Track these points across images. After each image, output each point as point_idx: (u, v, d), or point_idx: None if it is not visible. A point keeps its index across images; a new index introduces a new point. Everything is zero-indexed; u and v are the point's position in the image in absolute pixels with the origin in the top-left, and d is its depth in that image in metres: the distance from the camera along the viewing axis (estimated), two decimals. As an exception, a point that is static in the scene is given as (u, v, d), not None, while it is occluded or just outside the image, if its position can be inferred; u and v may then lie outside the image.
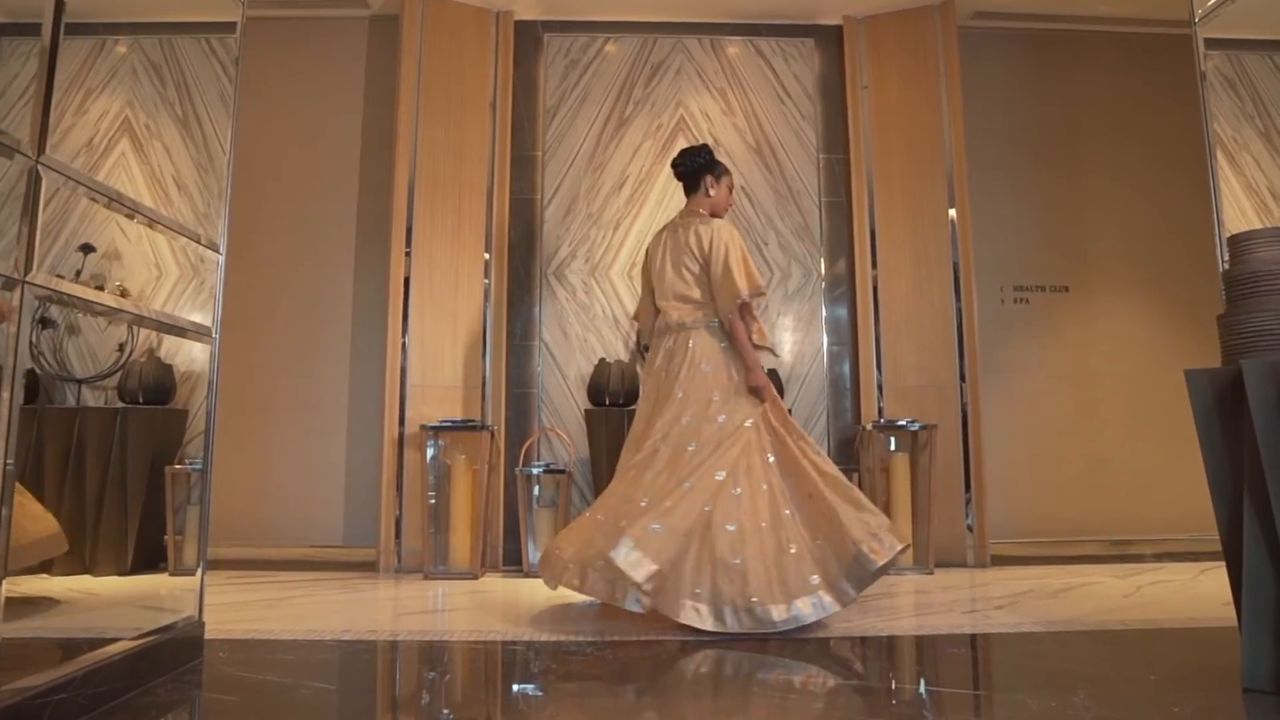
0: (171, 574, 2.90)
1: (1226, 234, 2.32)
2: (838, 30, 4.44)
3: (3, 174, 1.56)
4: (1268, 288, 1.91)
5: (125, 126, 2.29)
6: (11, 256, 1.51)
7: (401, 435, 3.93)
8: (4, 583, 1.43)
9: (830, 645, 2.36)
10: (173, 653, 2.00)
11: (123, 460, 2.72)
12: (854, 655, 2.31)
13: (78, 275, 2.20)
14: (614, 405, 3.88)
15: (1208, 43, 2.58)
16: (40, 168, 1.58)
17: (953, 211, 4.18)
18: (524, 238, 4.29)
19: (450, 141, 4.15)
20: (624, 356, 4.15)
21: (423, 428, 3.84)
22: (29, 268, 1.53)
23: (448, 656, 2.31)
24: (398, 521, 3.88)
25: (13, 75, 1.84)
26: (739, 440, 2.70)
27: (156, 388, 2.92)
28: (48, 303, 1.65)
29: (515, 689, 2.03)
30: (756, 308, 2.95)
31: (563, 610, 2.85)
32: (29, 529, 2.07)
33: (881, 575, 2.63)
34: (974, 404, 4.05)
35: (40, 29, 1.61)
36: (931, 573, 3.71)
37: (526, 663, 2.20)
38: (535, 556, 3.82)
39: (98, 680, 1.68)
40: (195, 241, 2.24)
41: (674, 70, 4.45)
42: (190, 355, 2.86)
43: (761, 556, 2.48)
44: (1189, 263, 4.42)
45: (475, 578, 3.66)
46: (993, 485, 4.10)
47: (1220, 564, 3.77)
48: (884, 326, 4.19)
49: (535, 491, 3.96)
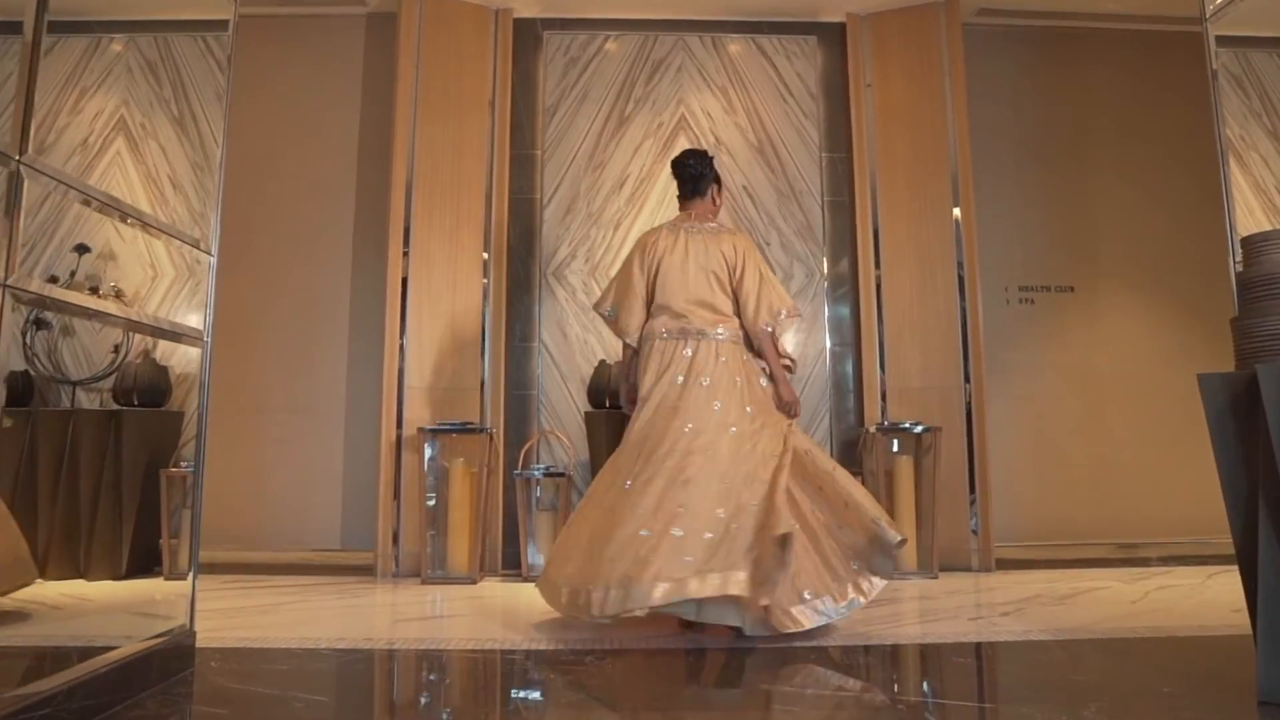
0: (166, 578, 2.87)
1: (1238, 235, 2.29)
2: (841, 27, 4.42)
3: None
4: (1285, 290, 1.88)
5: (120, 125, 2.26)
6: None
7: (399, 438, 3.90)
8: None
9: (834, 654, 2.35)
10: (162, 663, 1.96)
11: (117, 463, 2.70)
12: (858, 664, 2.29)
13: (72, 276, 2.17)
14: (615, 408, 3.85)
15: (1218, 40, 2.54)
16: (23, 169, 1.56)
17: (957, 211, 4.16)
18: (523, 238, 4.27)
19: (449, 140, 4.12)
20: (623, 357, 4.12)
21: (420, 430, 3.81)
22: (9, 271, 1.50)
23: (445, 666, 2.28)
24: (395, 525, 3.86)
25: (7, 74, 1.81)
26: (777, 451, 2.72)
27: (152, 390, 2.88)
28: (27, 306, 1.63)
29: (514, 702, 2.00)
30: (792, 325, 2.95)
31: (561, 617, 2.81)
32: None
33: (895, 558, 2.65)
34: (979, 406, 4.02)
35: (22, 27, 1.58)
36: (936, 577, 3.69)
37: (526, 673, 2.17)
38: (535, 559, 3.79)
39: (83, 694, 1.64)
40: (184, 243, 2.20)
41: (675, 68, 4.42)
42: (186, 357, 2.83)
43: (810, 554, 2.53)
44: (1196, 263, 4.40)
45: (474, 582, 3.64)
46: (998, 488, 4.08)
47: (1229, 568, 3.75)
48: (887, 327, 4.17)
49: (535, 495, 3.93)
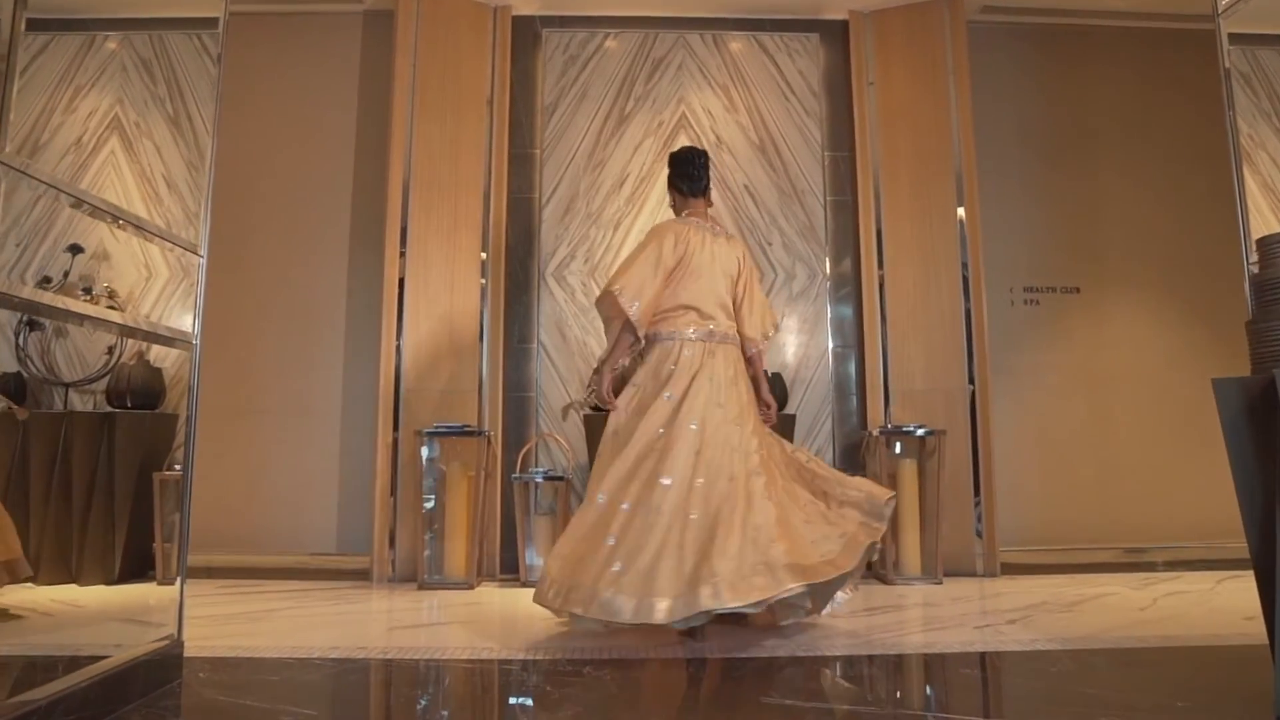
0: (160, 583, 2.86)
1: (1253, 235, 2.27)
2: (843, 25, 4.43)
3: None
4: (1302, 293, 1.88)
5: (115, 124, 2.26)
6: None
7: (396, 440, 3.90)
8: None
9: (837, 665, 2.32)
10: (148, 674, 1.94)
11: (110, 466, 2.69)
12: (862, 675, 2.27)
13: (65, 277, 2.18)
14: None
15: (1230, 38, 2.54)
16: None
17: (961, 210, 4.16)
18: (522, 237, 4.27)
19: (446, 139, 4.13)
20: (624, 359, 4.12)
21: (417, 433, 3.81)
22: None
23: (440, 678, 2.25)
24: (392, 529, 3.86)
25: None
26: (778, 454, 2.86)
27: (145, 392, 2.89)
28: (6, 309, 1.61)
29: (511, 714, 1.98)
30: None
31: (560, 624, 2.81)
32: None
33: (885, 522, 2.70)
34: (983, 408, 4.03)
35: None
36: (940, 582, 3.70)
37: (523, 684, 2.15)
38: (533, 563, 3.79)
39: (64, 709, 1.62)
40: (170, 244, 2.19)
41: (675, 66, 4.43)
42: (181, 358, 2.82)
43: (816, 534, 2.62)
44: (1204, 263, 4.41)
45: (471, 587, 3.64)
46: (1003, 492, 4.08)
47: (1237, 573, 3.78)
48: (891, 329, 4.17)
49: (534, 499, 3.93)
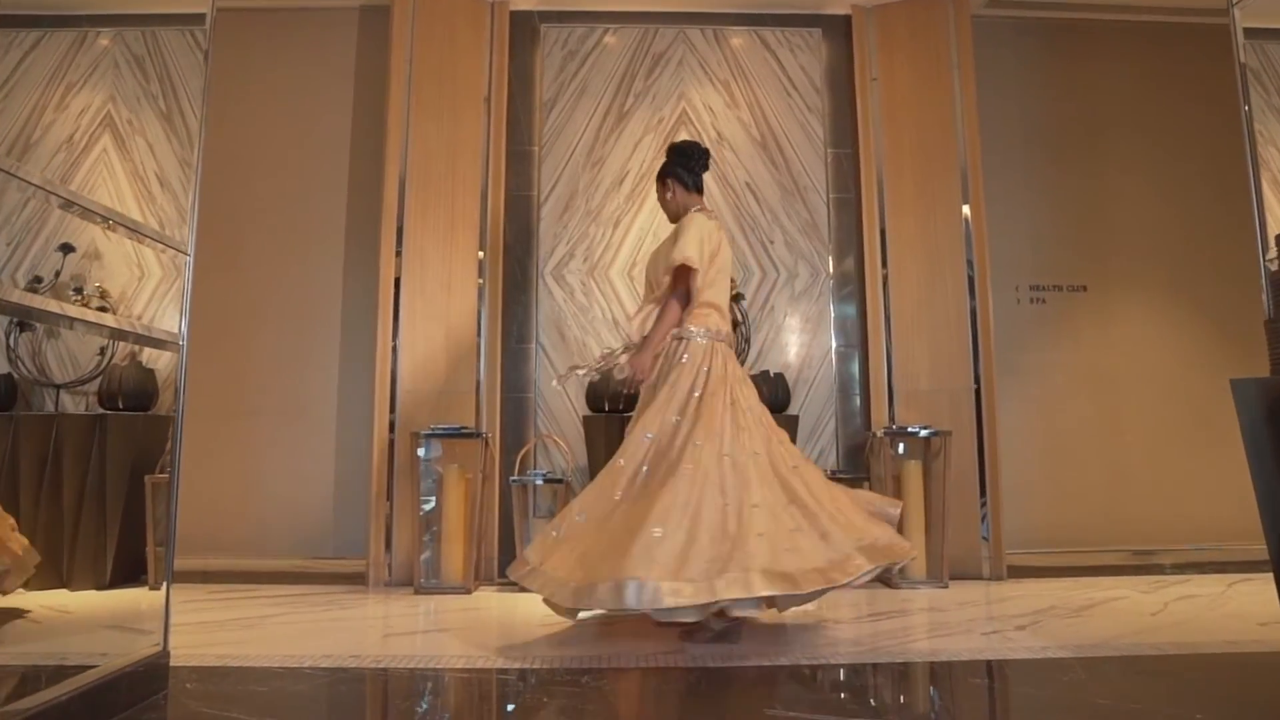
0: (151, 588, 2.87)
1: (1270, 232, 2.26)
2: (846, 20, 4.44)
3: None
4: (1323, 292, 1.87)
5: (106, 122, 2.27)
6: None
7: (392, 443, 3.91)
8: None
9: (842, 673, 2.30)
10: (132, 686, 1.90)
11: (102, 468, 2.70)
12: (867, 685, 2.23)
13: (56, 276, 2.19)
14: (614, 411, 3.87)
15: (1246, 32, 2.53)
16: None
17: (966, 208, 4.17)
18: (520, 236, 4.28)
19: (443, 137, 4.14)
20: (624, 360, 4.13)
21: (414, 435, 3.83)
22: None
23: (435, 688, 2.22)
24: (388, 533, 3.87)
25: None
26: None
27: (138, 393, 2.90)
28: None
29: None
30: None
31: (558, 630, 2.82)
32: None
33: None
34: (989, 408, 4.03)
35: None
36: (946, 586, 3.70)
37: (519, 695, 2.13)
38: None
39: (41, 725, 1.59)
40: (155, 242, 2.19)
41: (676, 62, 4.45)
42: (174, 359, 2.84)
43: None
44: (1213, 261, 4.42)
45: (468, 592, 3.64)
46: (1009, 493, 4.09)
47: (1249, 576, 3.78)
48: (895, 328, 4.18)
49: (532, 502, 3.94)
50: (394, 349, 3.98)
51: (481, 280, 4.13)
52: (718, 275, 2.98)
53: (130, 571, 2.76)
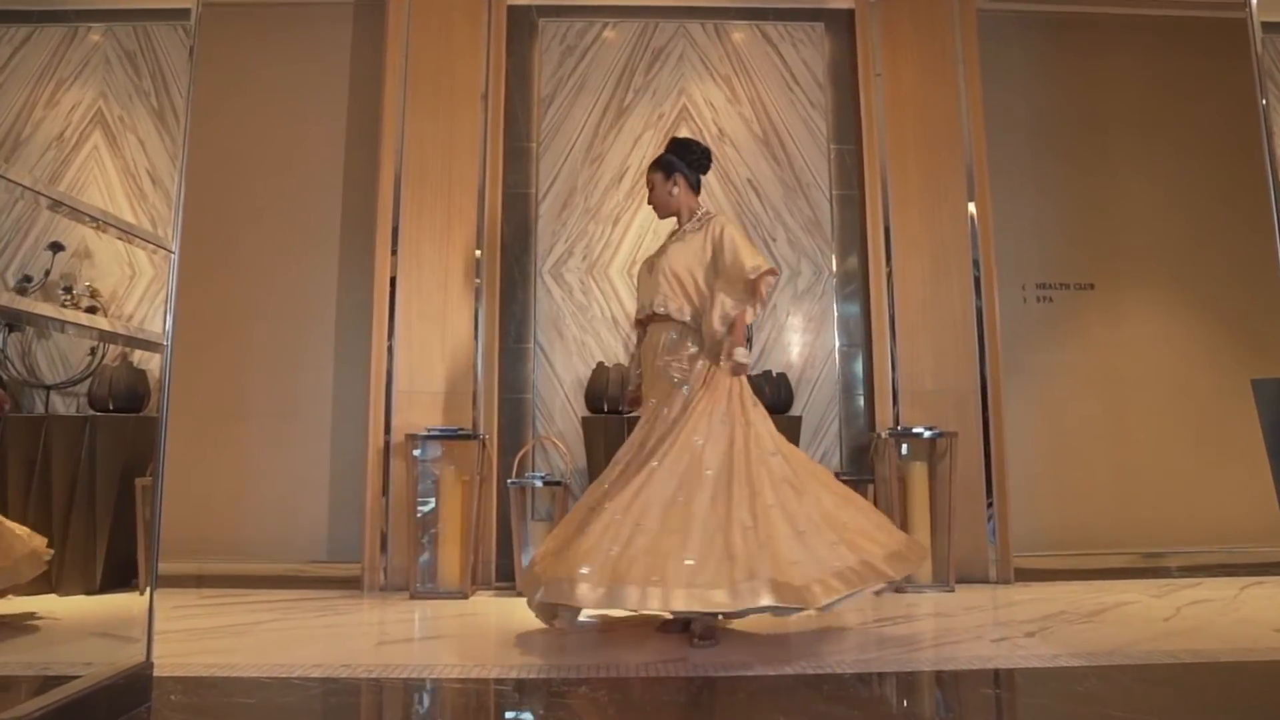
0: (142, 593, 2.86)
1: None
2: (849, 14, 4.44)
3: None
4: (1348, 289, 1.86)
5: (98, 118, 2.27)
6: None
7: (387, 444, 3.91)
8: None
9: (846, 683, 2.26)
10: (113, 699, 1.86)
11: (92, 471, 2.70)
12: (872, 695, 2.19)
13: (46, 275, 2.18)
14: (613, 412, 3.86)
15: (1265, 26, 2.51)
16: None
17: (971, 205, 4.17)
18: (518, 234, 4.28)
19: (439, 134, 4.14)
20: (623, 360, 4.13)
21: (409, 436, 3.82)
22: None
23: (429, 699, 2.19)
24: (383, 536, 3.87)
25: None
26: None
27: (128, 394, 2.90)
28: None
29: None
30: None
31: (557, 637, 2.82)
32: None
33: None
34: (995, 409, 4.03)
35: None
36: (952, 590, 3.69)
37: (517, 706, 2.11)
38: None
39: (14, 740, 1.57)
40: (144, 241, 2.17)
41: (676, 56, 4.44)
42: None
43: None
44: (1223, 259, 4.43)
45: (465, 597, 3.64)
46: (1016, 495, 4.09)
47: (1260, 579, 3.78)
48: (899, 327, 4.17)
49: (531, 504, 3.94)
50: (390, 349, 3.98)
51: (478, 279, 4.13)
52: None
53: (121, 576, 2.75)
